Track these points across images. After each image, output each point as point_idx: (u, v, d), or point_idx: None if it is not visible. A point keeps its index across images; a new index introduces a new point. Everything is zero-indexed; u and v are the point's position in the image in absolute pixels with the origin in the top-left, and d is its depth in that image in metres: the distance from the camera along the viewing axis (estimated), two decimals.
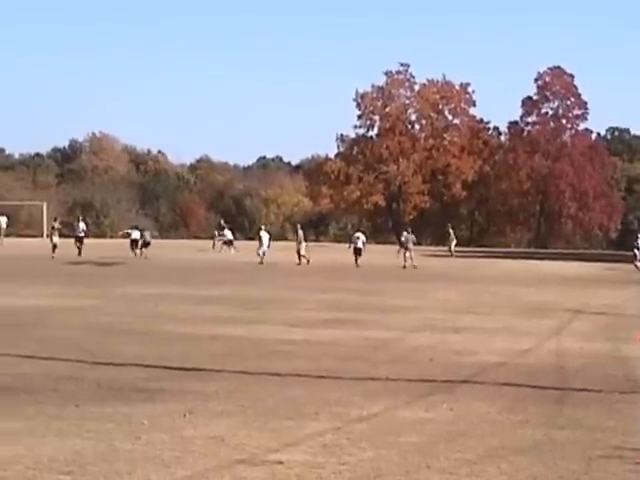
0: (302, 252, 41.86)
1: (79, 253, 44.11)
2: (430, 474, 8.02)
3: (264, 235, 43.43)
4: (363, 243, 42.64)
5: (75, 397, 10.99)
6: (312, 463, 8.27)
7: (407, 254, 41.12)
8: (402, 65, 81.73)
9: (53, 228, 44.62)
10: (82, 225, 47.06)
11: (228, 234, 51.25)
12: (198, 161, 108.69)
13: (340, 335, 17.62)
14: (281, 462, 8.26)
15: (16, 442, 8.85)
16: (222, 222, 53.37)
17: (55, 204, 80.00)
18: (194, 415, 10.15)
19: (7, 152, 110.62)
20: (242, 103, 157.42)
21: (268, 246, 42.89)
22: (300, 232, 43.14)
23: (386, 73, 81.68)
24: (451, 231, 54.96)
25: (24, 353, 14.51)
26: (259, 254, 41.77)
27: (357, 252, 41.55)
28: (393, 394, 11.64)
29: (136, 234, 45.54)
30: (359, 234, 43.46)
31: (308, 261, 41.28)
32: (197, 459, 8.36)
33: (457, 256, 51.52)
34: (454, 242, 54.12)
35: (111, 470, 7.94)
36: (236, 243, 51.54)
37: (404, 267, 39.95)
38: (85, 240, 45.79)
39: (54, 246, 42.68)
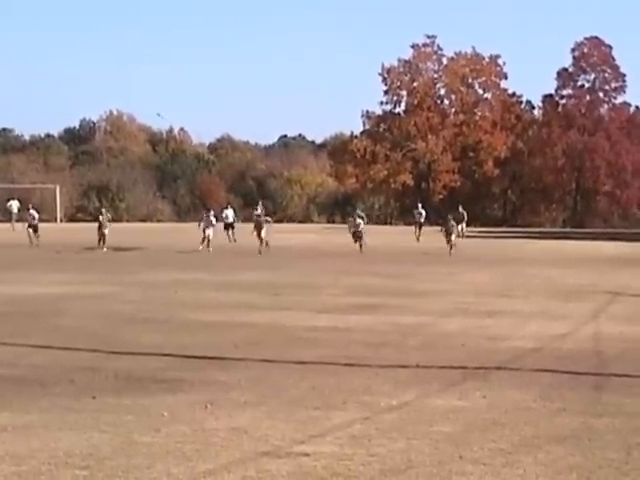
0: (263, 234, 38.62)
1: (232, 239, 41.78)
2: (463, 465, 7.85)
3: (229, 213, 42.95)
4: (363, 227, 39.73)
5: (92, 389, 10.83)
6: (340, 455, 8.11)
7: (451, 238, 38.73)
8: (429, 37, 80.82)
9: (100, 222, 40.33)
10: (230, 212, 44.31)
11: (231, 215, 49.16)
12: (218, 140, 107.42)
13: (368, 321, 17.36)
14: (307, 454, 8.11)
15: (30, 436, 8.72)
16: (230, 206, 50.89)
17: (69, 187, 79.46)
18: (216, 406, 9.97)
19: (16, 133, 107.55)
20: (263, 79, 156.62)
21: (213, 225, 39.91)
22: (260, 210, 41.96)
23: (413, 46, 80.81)
24: (464, 212, 53.65)
25: (38, 343, 14.36)
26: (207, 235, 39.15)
27: (357, 235, 39.00)
28: (424, 382, 11.44)
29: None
30: (358, 219, 40.34)
31: (267, 243, 38.27)
32: (219, 452, 8.21)
33: (478, 237, 51.07)
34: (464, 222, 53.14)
35: (130, 464, 7.80)
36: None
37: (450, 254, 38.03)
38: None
39: (102, 237, 39.49)
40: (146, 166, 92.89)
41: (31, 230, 42.04)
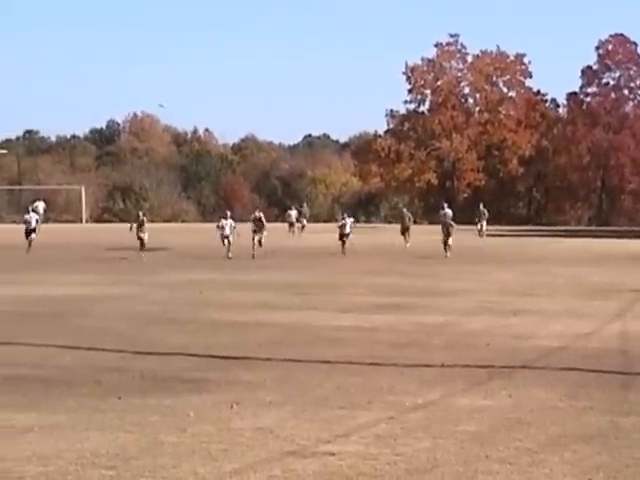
0: (261, 238, 37.11)
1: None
2: (489, 464, 7.77)
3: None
4: (351, 228, 38.98)
5: (118, 389, 10.81)
6: (365, 454, 8.05)
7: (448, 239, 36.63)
8: (452, 36, 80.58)
9: (139, 224, 37.22)
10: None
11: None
12: (243, 140, 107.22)
13: (392, 320, 17.28)
14: (333, 453, 8.05)
15: (57, 436, 8.70)
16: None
17: (94, 188, 79.60)
18: (241, 406, 9.92)
19: (42, 134, 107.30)
20: (287, 78, 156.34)
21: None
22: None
23: (436, 45, 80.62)
24: (485, 210, 53.06)
25: (64, 343, 14.35)
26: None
27: (344, 237, 38.06)
28: (449, 381, 11.37)
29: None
30: (347, 219, 39.40)
31: (260, 243, 36.61)
32: (245, 451, 8.16)
33: (503, 236, 50.82)
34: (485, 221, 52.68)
35: (156, 464, 7.76)
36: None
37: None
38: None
39: (142, 242, 36.49)
40: (171, 167, 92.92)
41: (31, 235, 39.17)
